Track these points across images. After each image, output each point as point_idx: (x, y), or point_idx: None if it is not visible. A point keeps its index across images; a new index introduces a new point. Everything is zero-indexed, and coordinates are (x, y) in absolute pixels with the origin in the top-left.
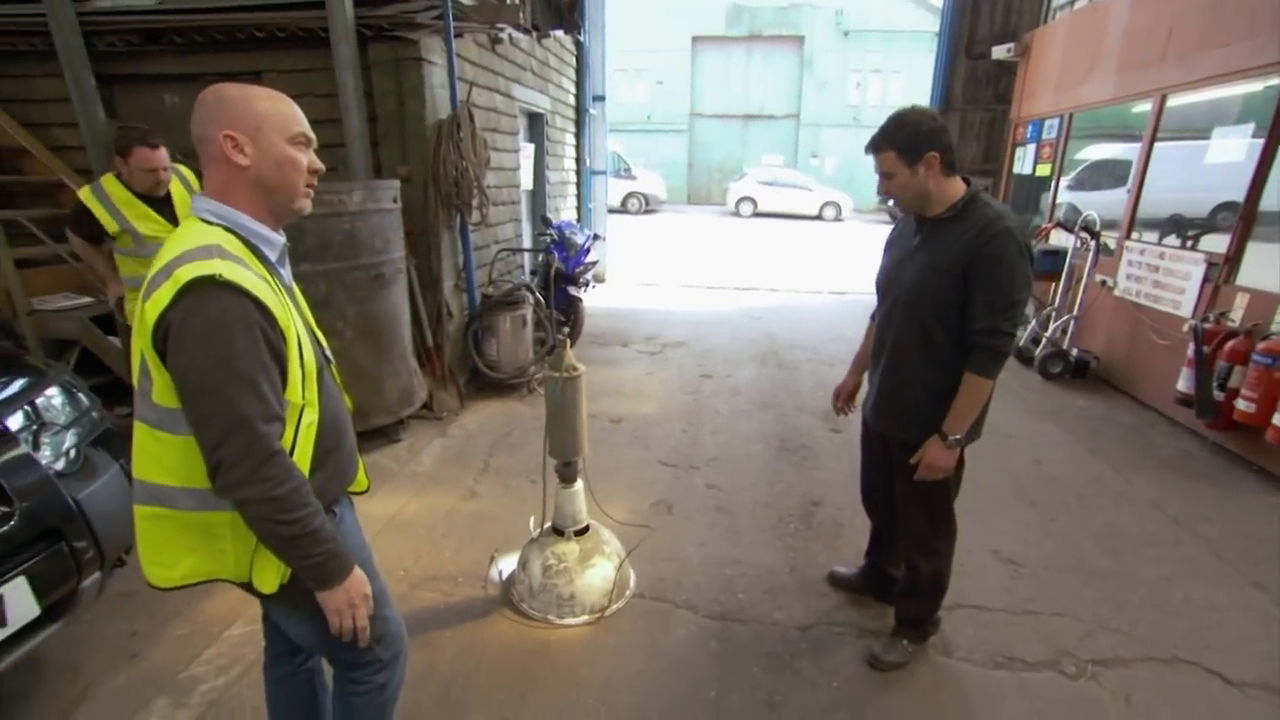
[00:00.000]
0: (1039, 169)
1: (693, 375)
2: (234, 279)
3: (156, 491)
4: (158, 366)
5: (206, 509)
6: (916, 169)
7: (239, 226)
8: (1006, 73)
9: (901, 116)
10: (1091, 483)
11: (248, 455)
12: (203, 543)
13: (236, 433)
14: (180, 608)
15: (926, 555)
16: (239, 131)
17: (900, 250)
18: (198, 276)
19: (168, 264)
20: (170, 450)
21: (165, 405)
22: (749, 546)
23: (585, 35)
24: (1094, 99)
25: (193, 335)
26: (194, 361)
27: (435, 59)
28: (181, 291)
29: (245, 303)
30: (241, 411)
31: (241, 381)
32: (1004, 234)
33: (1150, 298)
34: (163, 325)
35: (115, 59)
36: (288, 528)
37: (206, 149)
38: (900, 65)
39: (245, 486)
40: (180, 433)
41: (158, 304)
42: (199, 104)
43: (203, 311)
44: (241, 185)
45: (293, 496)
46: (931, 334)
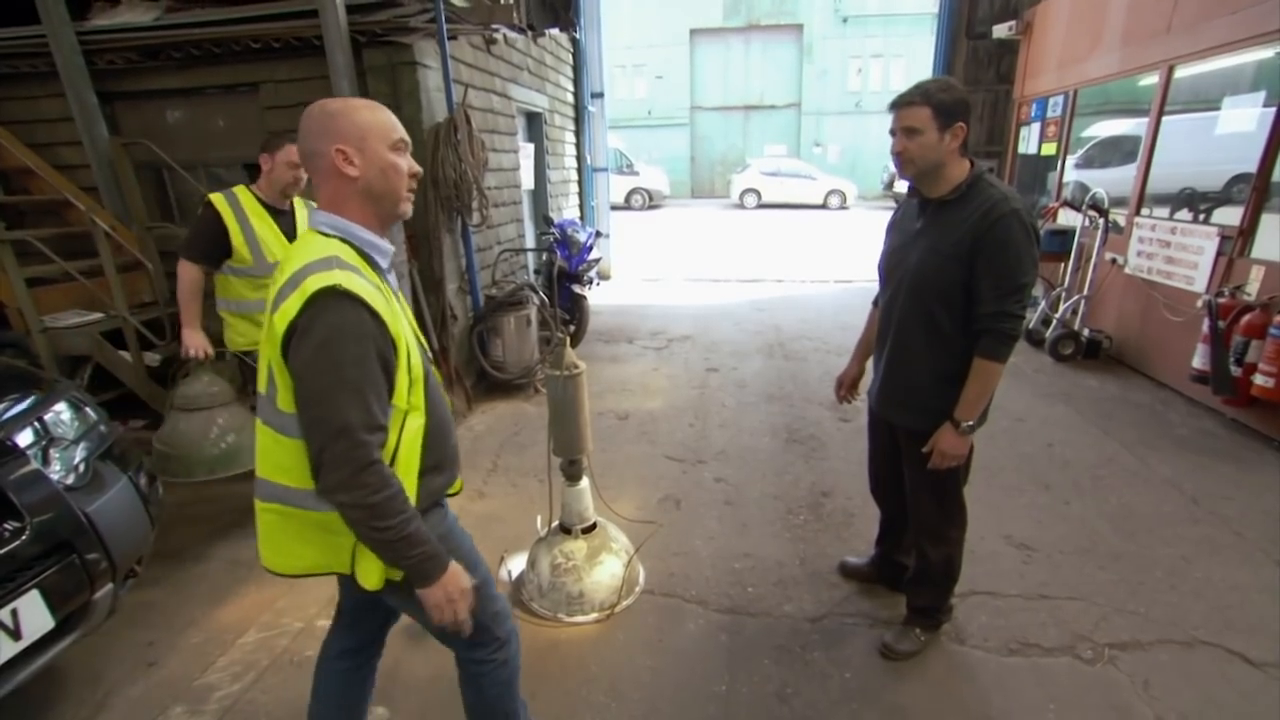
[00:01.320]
0: (1044, 148)
1: (699, 369)
2: (352, 289)
3: (278, 491)
4: (283, 373)
5: (325, 508)
6: (945, 134)
7: (353, 237)
8: (1008, 52)
9: (942, 80)
10: (1106, 464)
11: (346, 462)
12: (322, 537)
13: (338, 439)
14: (196, 616)
15: (937, 543)
16: (347, 144)
17: (903, 234)
18: (321, 287)
19: (294, 275)
20: (290, 453)
21: (288, 411)
22: (758, 539)
23: (581, 32)
24: (1099, 74)
25: (311, 342)
26: (309, 366)
27: (430, 62)
28: (308, 301)
29: (361, 311)
30: (346, 419)
31: (349, 390)
32: (1010, 216)
33: (1162, 274)
34: (289, 333)
35: (115, 76)
36: (382, 533)
37: (317, 163)
38: (901, 49)
39: (342, 491)
40: (300, 437)
41: (286, 314)
42: (306, 119)
43: (323, 319)
44: (351, 195)
45: (387, 504)
46: (936, 319)
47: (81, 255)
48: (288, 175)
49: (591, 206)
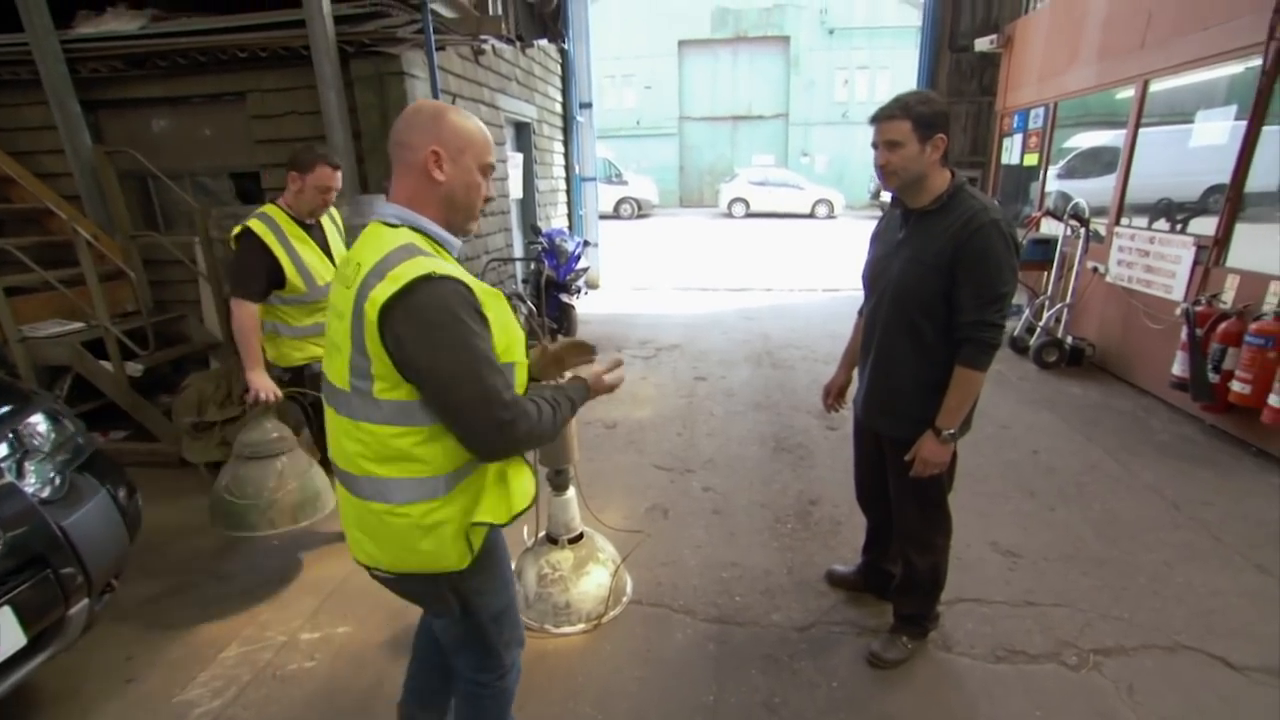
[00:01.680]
0: (1027, 159)
1: (687, 378)
2: (444, 271)
3: (376, 485)
4: (384, 363)
5: (422, 499)
6: (925, 146)
7: (423, 227)
8: (990, 64)
9: (921, 93)
10: (1089, 470)
11: (504, 422)
12: (396, 538)
13: (489, 405)
14: (177, 630)
15: (922, 551)
16: (445, 149)
17: (886, 244)
18: (415, 277)
19: (376, 266)
20: (387, 444)
21: (391, 399)
22: (746, 548)
23: (570, 43)
24: (1077, 87)
25: (430, 328)
26: (439, 349)
27: (418, 72)
28: (407, 287)
29: (460, 288)
30: (493, 388)
31: (482, 360)
32: (989, 226)
33: (1142, 283)
34: (387, 321)
35: (100, 85)
36: (555, 428)
37: (406, 155)
38: (886, 61)
39: (513, 443)
40: (408, 424)
41: (378, 299)
42: (414, 113)
43: (429, 306)
44: (431, 198)
45: (542, 420)
46: (919, 328)
47: (63, 264)
48: (317, 199)
49: (580, 216)
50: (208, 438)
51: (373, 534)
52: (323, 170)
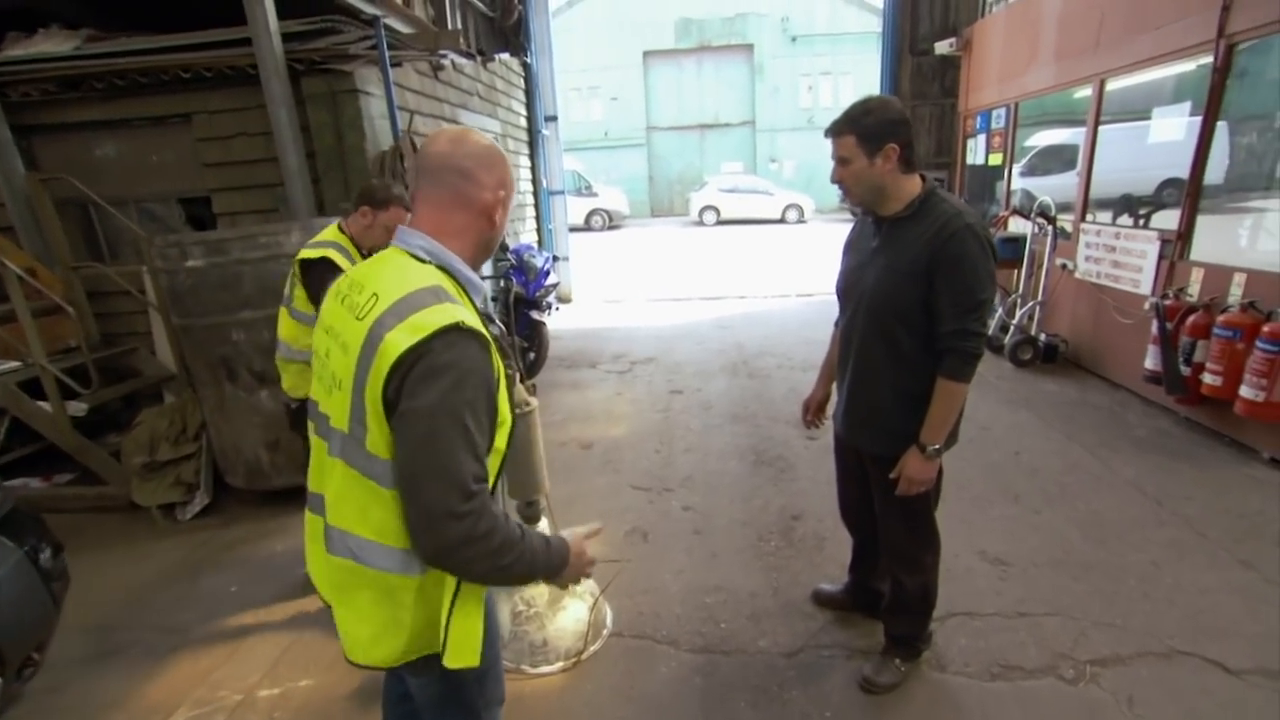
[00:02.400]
0: (991, 158)
1: (663, 392)
2: (474, 326)
3: (353, 544)
4: (379, 415)
5: (400, 572)
6: (875, 159)
7: (452, 268)
8: (951, 67)
9: (867, 102)
10: (1071, 470)
11: (461, 514)
12: (382, 610)
13: (451, 490)
14: (118, 696)
15: (911, 570)
16: (508, 194)
17: (859, 253)
18: (445, 324)
19: (396, 305)
20: (378, 502)
21: (380, 455)
22: (729, 570)
23: (532, 57)
24: (1036, 88)
25: (429, 382)
26: (424, 408)
27: (373, 89)
28: (429, 338)
29: (481, 352)
30: (457, 467)
31: (465, 438)
32: (963, 231)
33: (1110, 278)
34: (401, 368)
35: (32, 109)
36: (508, 570)
37: (465, 188)
38: (849, 66)
39: (459, 546)
40: (391, 486)
41: (395, 347)
42: (475, 143)
43: (445, 359)
44: (476, 238)
45: (504, 543)
46: (897, 339)
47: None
48: (383, 238)
49: (550, 230)
50: (159, 478)
51: (341, 594)
52: (397, 211)
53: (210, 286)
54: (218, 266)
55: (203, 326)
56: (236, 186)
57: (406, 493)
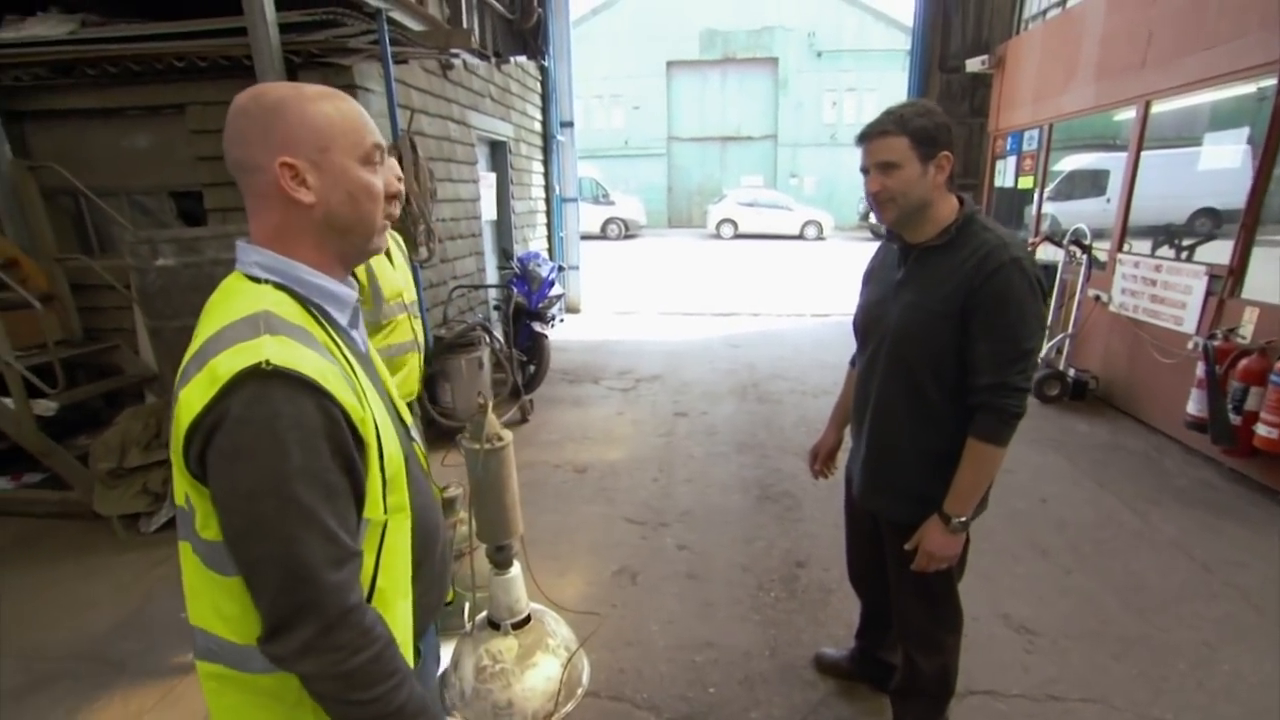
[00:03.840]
0: (1021, 181)
1: (667, 414)
2: (288, 364)
3: (215, 645)
4: (194, 488)
5: (270, 671)
6: (929, 167)
7: (296, 283)
8: (982, 85)
9: (917, 104)
10: (1105, 523)
11: (313, 616)
12: (278, 714)
13: (295, 588)
14: None
15: (929, 652)
16: (298, 156)
17: (881, 285)
18: (242, 369)
19: (203, 347)
20: (227, 595)
21: (212, 540)
22: (723, 623)
23: (550, 61)
24: (1074, 108)
25: (235, 452)
26: (236, 488)
27: (373, 86)
28: (223, 390)
29: (303, 399)
30: (301, 557)
31: (301, 515)
32: (1009, 266)
33: (1149, 313)
34: (197, 437)
35: (23, 94)
36: (362, 709)
37: (252, 180)
38: (874, 83)
39: (307, 658)
40: (225, 572)
41: (189, 407)
42: (237, 115)
43: (246, 417)
44: (304, 228)
45: (370, 668)
46: (923, 389)
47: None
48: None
49: (561, 238)
50: (125, 486)
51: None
52: None
53: (181, 288)
54: (190, 266)
55: (173, 329)
56: (229, 182)
57: (250, 590)
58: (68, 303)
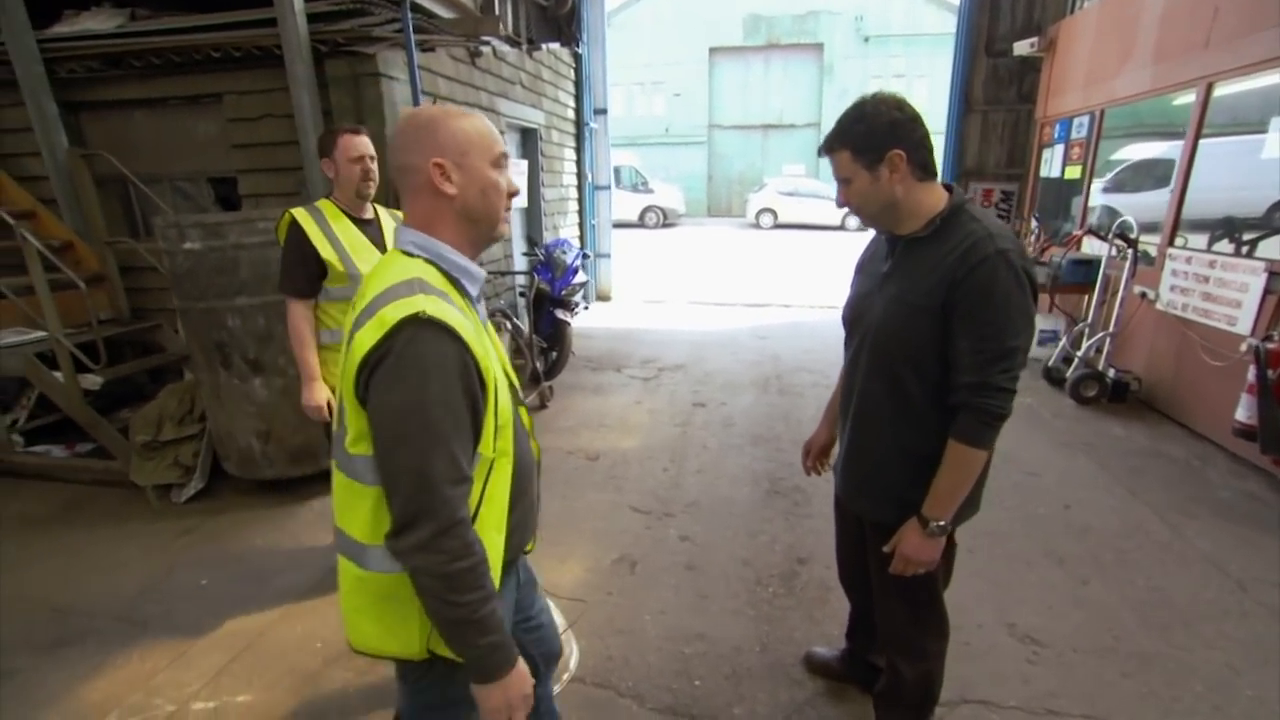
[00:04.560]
0: (1068, 171)
1: (685, 404)
2: (440, 316)
3: (347, 543)
4: (356, 411)
5: (394, 571)
6: (878, 171)
7: (441, 259)
8: (1031, 69)
9: (860, 106)
10: (1133, 533)
11: (429, 519)
12: (389, 609)
13: (420, 492)
14: (58, 691)
15: (910, 657)
16: (446, 158)
17: (869, 278)
18: (405, 315)
19: (372, 302)
20: (363, 502)
21: (357, 454)
22: (717, 616)
23: (584, 47)
24: (1128, 93)
25: (393, 379)
26: (389, 406)
27: (397, 74)
28: (390, 332)
29: (448, 343)
30: (429, 470)
31: (433, 435)
32: (994, 258)
33: (1199, 312)
34: (366, 367)
35: (80, 86)
36: (455, 609)
37: (411, 179)
38: (924, 69)
39: (419, 553)
40: (371, 483)
41: (362, 345)
42: (407, 128)
43: (405, 353)
44: (446, 215)
45: (466, 576)
46: (905, 386)
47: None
48: (354, 171)
49: (593, 225)
50: (159, 458)
51: (347, 599)
52: (344, 140)
53: (207, 270)
54: (215, 250)
55: (199, 310)
56: (262, 168)
57: (387, 493)
58: (116, 283)
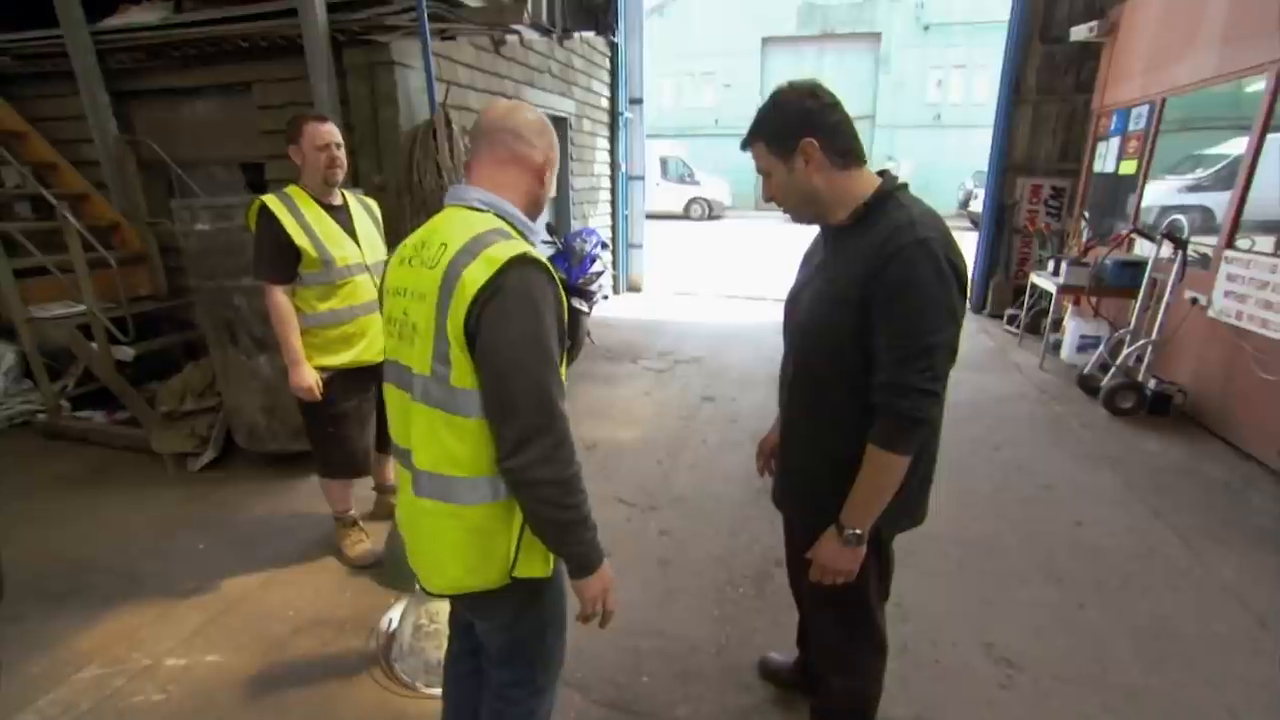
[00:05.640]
0: (1123, 166)
1: (694, 397)
2: (538, 257)
3: (442, 485)
4: (462, 347)
5: (486, 501)
6: (793, 162)
7: (509, 215)
8: (1090, 56)
9: (773, 96)
10: (1147, 556)
11: (550, 432)
12: (478, 542)
13: (543, 410)
14: (51, 639)
15: (840, 670)
16: (553, 155)
17: (806, 270)
18: (515, 254)
19: (467, 245)
20: (467, 436)
21: (464, 387)
22: (680, 613)
23: (621, 37)
24: (1189, 80)
25: (510, 311)
26: (508, 336)
27: (412, 62)
28: (502, 269)
29: (547, 281)
30: (547, 389)
31: (549, 359)
32: (912, 248)
33: (1257, 321)
34: (477, 303)
35: (129, 75)
36: (569, 512)
37: (519, 148)
38: (986, 59)
39: (542, 465)
40: (476, 415)
41: (473, 282)
42: (529, 111)
43: (519, 288)
44: (526, 193)
45: (577, 479)
46: (826, 385)
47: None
48: (320, 159)
49: (625, 216)
50: (178, 428)
51: (431, 543)
52: (310, 128)
53: (216, 251)
54: (224, 231)
55: (210, 289)
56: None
57: (500, 418)
58: (156, 262)
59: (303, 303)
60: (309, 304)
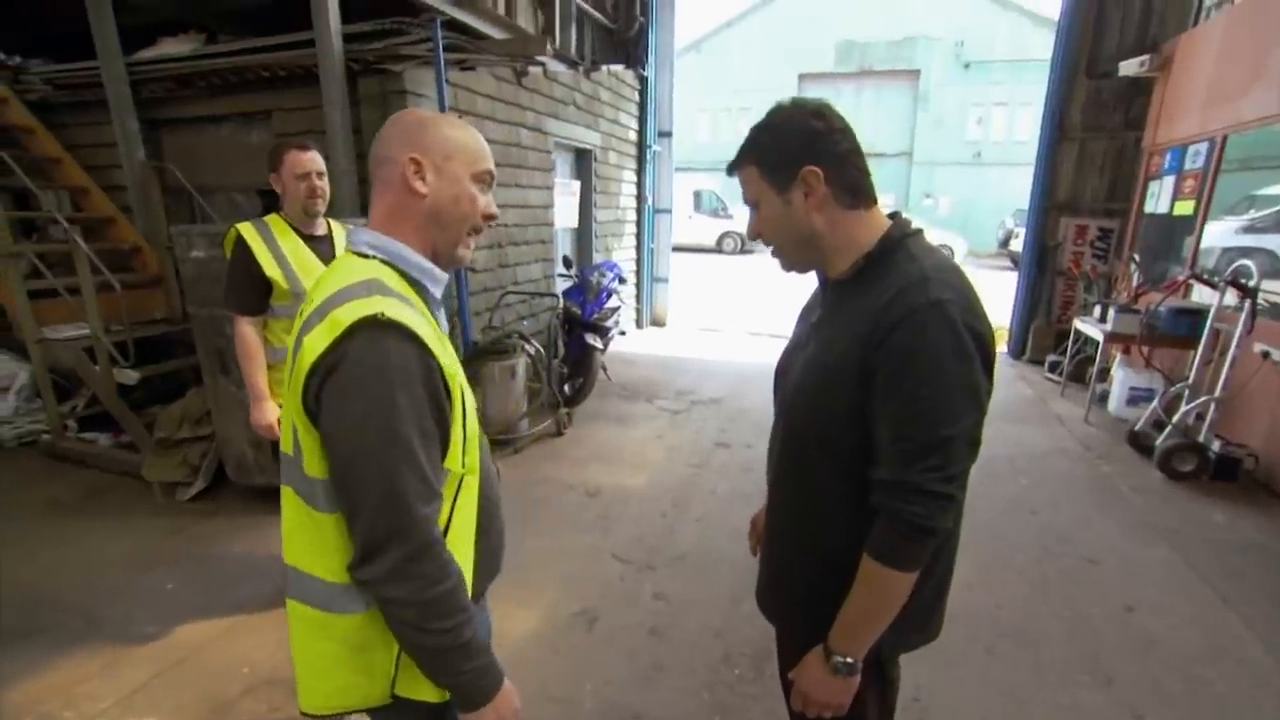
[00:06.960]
0: (1178, 207)
1: (708, 443)
2: (399, 319)
3: (307, 585)
4: (306, 428)
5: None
6: (790, 194)
7: (399, 259)
8: (1140, 93)
9: (770, 112)
10: (1215, 655)
11: (403, 541)
12: (355, 658)
13: (390, 514)
14: None
15: None
16: (426, 157)
17: (801, 329)
18: (361, 317)
19: (322, 305)
20: (322, 533)
21: (316, 476)
22: (665, 694)
23: (651, 70)
24: (1256, 115)
25: (348, 388)
26: (348, 417)
27: (426, 91)
28: (343, 335)
29: (409, 349)
30: (398, 486)
31: (400, 448)
32: (925, 311)
33: None
34: (316, 376)
35: (159, 104)
36: (435, 637)
37: (383, 171)
38: (1029, 96)
39: (392, 582)
40: (333, 511)
41: (311, 351)
42: (393, 123)
43: (362, 359)
44: (412, 216)
45: (446, 600)
46: (815, 472)
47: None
48: (299, 188)
49: (650, 249)
50: (171, 456)
51: (304, 652)
52: (290, 156)
53: (209, 279)
54: (216, 259)
55: (203, 317)
56: None
57: (348, 517)
58: (172, 285)
59: (272, 335)
60: (278, 337)
